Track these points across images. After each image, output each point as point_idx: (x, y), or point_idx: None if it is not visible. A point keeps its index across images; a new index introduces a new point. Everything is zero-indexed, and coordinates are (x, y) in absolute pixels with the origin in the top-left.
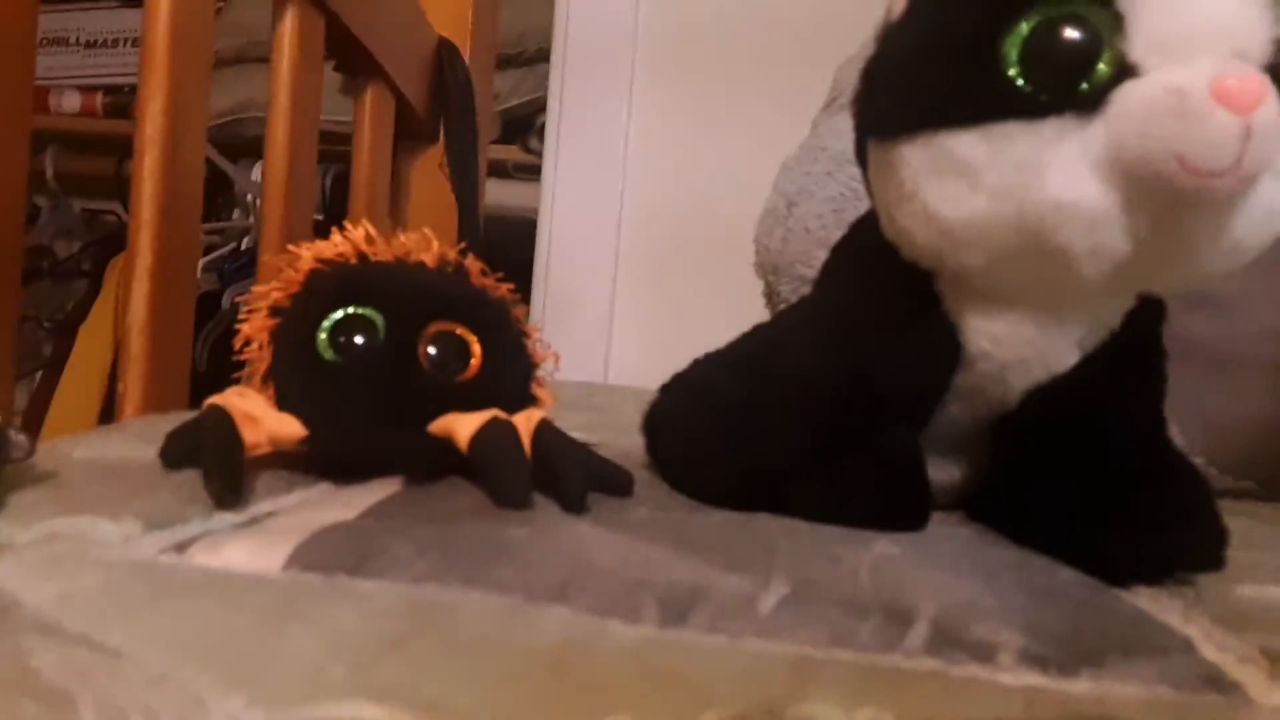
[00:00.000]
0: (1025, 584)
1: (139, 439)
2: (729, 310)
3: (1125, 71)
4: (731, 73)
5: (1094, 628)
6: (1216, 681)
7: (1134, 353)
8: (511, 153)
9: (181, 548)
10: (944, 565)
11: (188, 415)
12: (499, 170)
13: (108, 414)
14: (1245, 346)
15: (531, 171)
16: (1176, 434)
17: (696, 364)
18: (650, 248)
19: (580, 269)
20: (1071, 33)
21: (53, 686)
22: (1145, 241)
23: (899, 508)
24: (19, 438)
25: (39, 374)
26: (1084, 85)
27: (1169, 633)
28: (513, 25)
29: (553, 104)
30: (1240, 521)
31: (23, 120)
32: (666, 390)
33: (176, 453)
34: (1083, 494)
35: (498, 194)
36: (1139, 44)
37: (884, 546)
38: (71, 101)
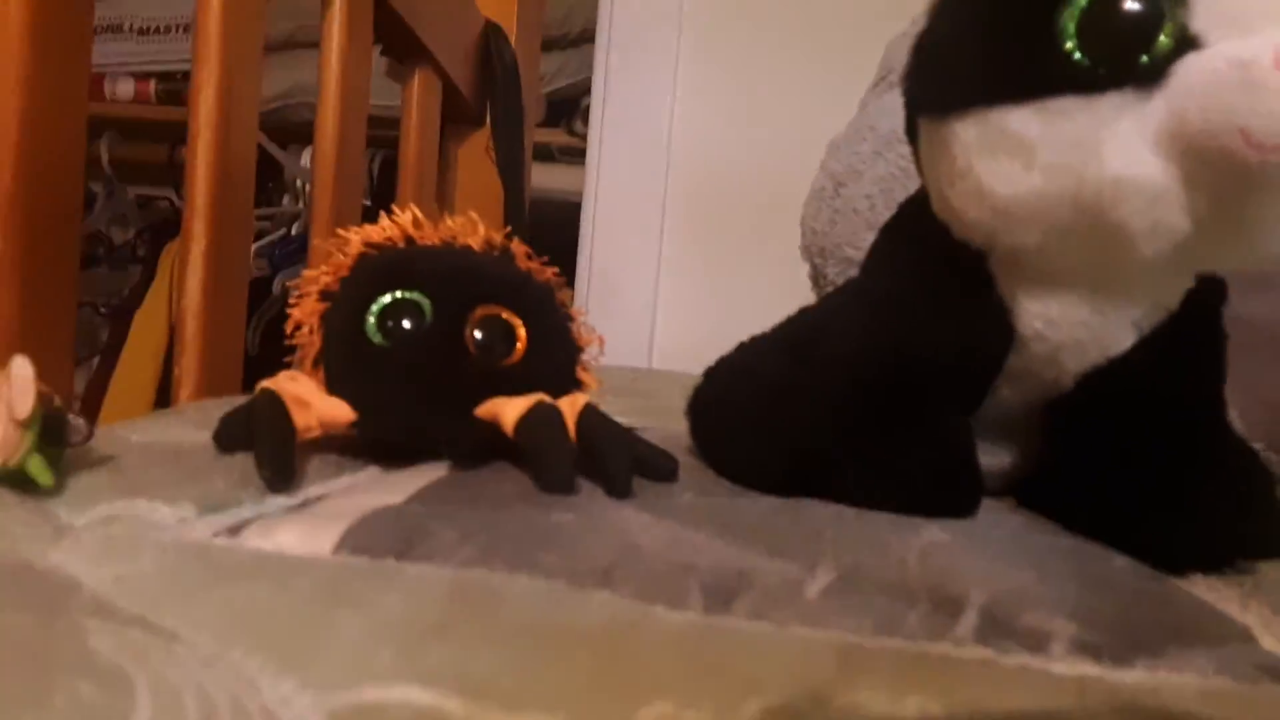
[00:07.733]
0: (1078, 572)
1: (194, 423)
2: (775, 294)
3: (1187, 43)
4: (777, 50)
5: (1149, 616)
6: (1275, 671)
7: (1193, 335)
8: (556, 136)
9: (234, 530)
10: (994, 552)
11: (241, 399)
12: (544, 154)
13: (163, 397)
14: None
15: (576, 155)
16: (1236, 418)
17: (741, 348)
18: (695, 230)
19: (625, 252)
20: (1132, 4)
21: (110, 667)
22: (1205, 219)
23: (949, 494)
24: (78, 422)
25: (96, 359)
26: (1144, 58)
27: (1227, 622)
28: (558, 6)
29: (597, 86)
30: None
31: (79, 108)
32: (711, 374)
33: (229, 437)
34: (1138, 480)
35: (542, 177)
36: (1201, 15)
37: (933, 533)
38: (125, 89)
